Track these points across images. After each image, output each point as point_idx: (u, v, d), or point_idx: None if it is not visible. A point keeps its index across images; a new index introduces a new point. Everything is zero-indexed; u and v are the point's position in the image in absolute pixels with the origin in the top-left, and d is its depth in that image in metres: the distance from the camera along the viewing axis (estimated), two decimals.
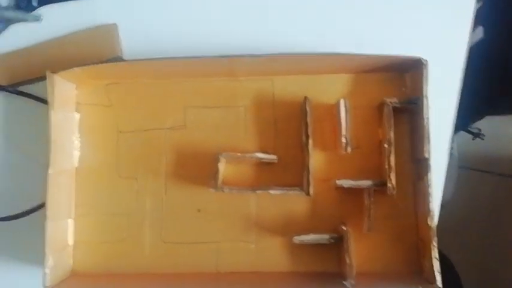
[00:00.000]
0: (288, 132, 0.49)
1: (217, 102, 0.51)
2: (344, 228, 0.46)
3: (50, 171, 0.47)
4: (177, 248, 0.51)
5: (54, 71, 0.47)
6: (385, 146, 0.46)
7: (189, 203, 0.51)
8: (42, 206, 0.49)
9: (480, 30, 0.78)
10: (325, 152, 0.50)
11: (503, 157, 1.11)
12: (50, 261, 0.47)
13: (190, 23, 0.53)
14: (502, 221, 1.10)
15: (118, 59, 0.51)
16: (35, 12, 0.52)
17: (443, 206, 0.49)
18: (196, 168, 0.50)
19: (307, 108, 0.47)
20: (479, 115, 0.93)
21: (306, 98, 0.48)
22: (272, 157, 0.49)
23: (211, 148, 0.49)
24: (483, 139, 0.97)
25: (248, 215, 0.50)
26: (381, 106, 0.49)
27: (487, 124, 0.96)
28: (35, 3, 0.53)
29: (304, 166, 0.47)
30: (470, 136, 0.98)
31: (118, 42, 0.52)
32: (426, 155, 0.45)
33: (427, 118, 0.45)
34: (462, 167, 1.01)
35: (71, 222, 0.52)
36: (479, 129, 0.97)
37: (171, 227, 0.51)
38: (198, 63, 0.48)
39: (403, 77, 0.50)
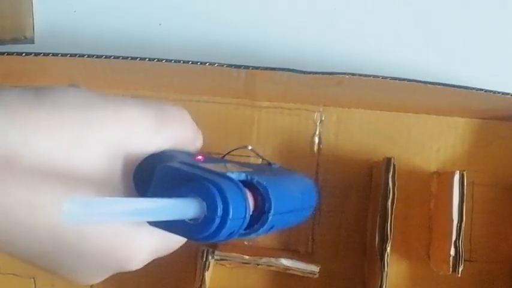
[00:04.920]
0: (336, 212, 0.28)
1: None
2: None
3: None
4: None
5: None
6: None
7: None
8: None
9: None
10: (406, 261, 0.27)
11: None
12: None
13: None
14: None
15: (28, 42, 0.31)
16: None
17: None
18: (159, 267, 0.27)
19: (390, 183, 0.24)
20: None
21: (390, 160, 0.24)
22: (310, 269, 0.25)
23: None
24: None
25: None
26: None
27: None
28: None
29: None
30: None
31: (30, 15, 0.31)
32: None
33: None
34: None
35: None
36: None
37: None
38: (191, 73, 0.24)
39: None
